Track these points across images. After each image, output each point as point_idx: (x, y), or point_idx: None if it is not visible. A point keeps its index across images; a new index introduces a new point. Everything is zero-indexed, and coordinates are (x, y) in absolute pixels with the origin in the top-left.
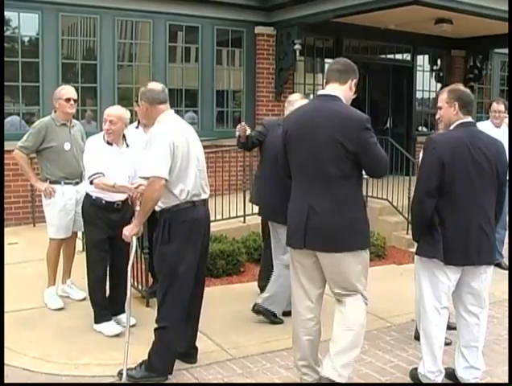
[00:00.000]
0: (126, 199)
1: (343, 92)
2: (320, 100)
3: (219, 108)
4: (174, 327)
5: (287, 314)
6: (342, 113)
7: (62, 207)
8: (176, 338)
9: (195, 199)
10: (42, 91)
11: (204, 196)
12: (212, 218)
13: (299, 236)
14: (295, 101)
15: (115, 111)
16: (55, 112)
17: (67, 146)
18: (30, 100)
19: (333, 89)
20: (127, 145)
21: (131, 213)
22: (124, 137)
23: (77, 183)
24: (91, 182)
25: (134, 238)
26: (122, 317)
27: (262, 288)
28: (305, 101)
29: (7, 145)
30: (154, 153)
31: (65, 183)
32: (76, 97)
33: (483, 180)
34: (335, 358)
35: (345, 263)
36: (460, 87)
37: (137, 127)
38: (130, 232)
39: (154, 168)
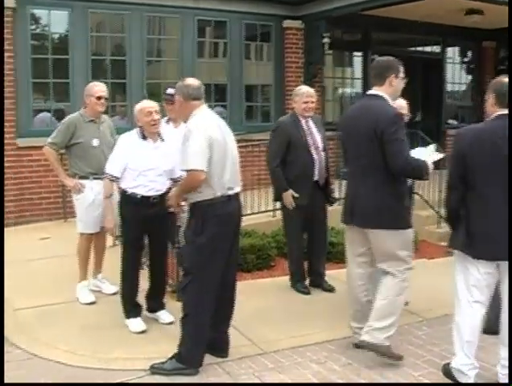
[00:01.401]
0: (164, 193)
1: (384, 90)
2: (366, 98)
3: (248, 102)
4: (197, 316)
5: None
6: (377, 110)
7: (90, 202)
8: (201, 328)
9: (229, 192)
10: (72, 87)
11: (237, 190)
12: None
13: (349, 215)
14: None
15: (153, 104)
16: (85, 108)
17: (95, 143)
18: (61, 96)
19: (375, 90)
20: (162, 140)
21: (168, 208)
22: (159, 131)
23: None
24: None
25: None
26: (161, 314)
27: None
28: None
29: (38, 142)
30: (193, 147)
31: (94, 178)
32: (107, 96)
33: (505, 173)
34: (371, 323)
35: (381, 238)
36: (501, 78)
37: (167, 122)
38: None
39: (193, 161)
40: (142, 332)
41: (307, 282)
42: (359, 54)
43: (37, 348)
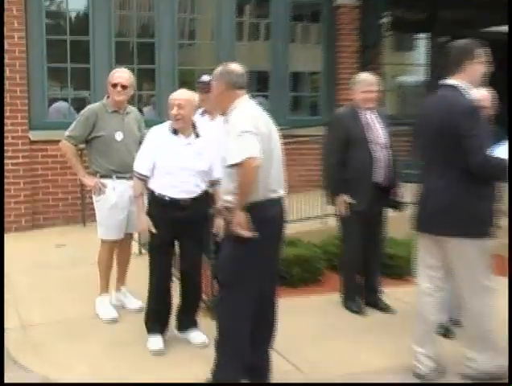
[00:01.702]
0: (199, 196)
1: (460, 79)
2: (441, 89)
3: (293, 92)
4: (234, 335)
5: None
6: (451, 101)
7: (113, 204)
8: (238, 349)
9: (272, 195)
10: (93, 73)
11: (280, 192)
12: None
13: (419, 219)
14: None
15: (182, 94)
16: (108, 97)
17: (118, 136)
18: (80, 83)
19: (450, 79)
20: (197, 136)
21: (203, 213)
22: (194, 125)
23: (131, 178)
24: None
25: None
26: (193, 333)
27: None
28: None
29: (54, 135)
30: (240, 138)
31: (117, 178)
32: (126, 83)
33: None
34: (468, 354)
35: (456, 248)
36: None
37: (202, 114)
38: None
39: (245, 149)
40: (159, 352)
41: (360, 300)
42: (423, 36)
43: (50, 370)
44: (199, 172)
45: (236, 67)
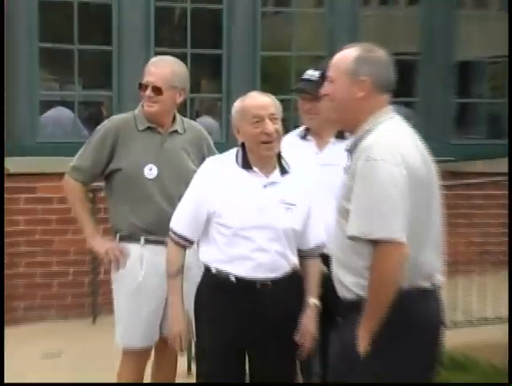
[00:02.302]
0: (287, 276)
1: None
2: None
3: (460, 97)
4: None
5: None
6: None
7: (137, 285)
8: None
9: (424, 283)
10: (117, 61)
11: (438, 278)
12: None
13: None
14: None
15: (270, 100)
16: (143, 106)
17: (150, 172)
18: (94, 78)
19: None
20: (283, 172)
21: (294, 304)
22: (278, 154)
23: None
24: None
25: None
26: None
27: None
28: None
29: (48, 165)
30: (379, 196)
31: (147, 242)
32: (160, 83)
33: None
34: None
35: None
36: None
37: (303, 137)
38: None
39: (386, 224)
40: None
41: None
42: None
43: None
44: (287, 233)
45: (382, 53)
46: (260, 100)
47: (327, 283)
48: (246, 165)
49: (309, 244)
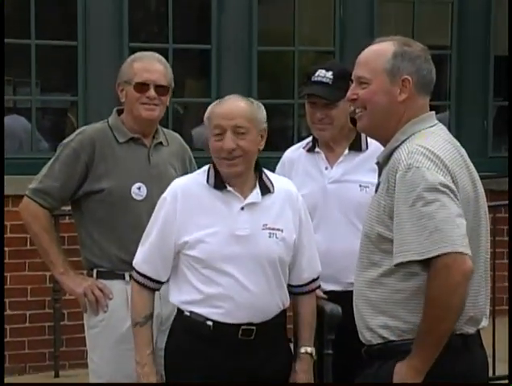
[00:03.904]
0: (275, 318)
1: None
2: None
3: (498, 100)
4: None
5: None
6: None
7: (124, 333)
8: None
9: (469, 330)
10: (83, 59)
11: (483, 323)
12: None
13: None
14: None
15: (240, 108)
16: (119, 112)
17: (138, 191)
18: (56, 79)
19: None
20: (265, 191)
21: (284, 360)
22: (258, 169)
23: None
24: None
25: None
26: None
27: None
28: None
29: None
30: (439, 211)
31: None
32: (163, 81)
33: None
34: None
35: None
36: None
37: (311, 150)
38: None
39: (448, 236)
40: None
41: None
42: None
43: None
44: (273, 264)
45: (421, 47)
46: (227, 108)
47: (342, 326)
48: (219, 184)
49: (301, 278)
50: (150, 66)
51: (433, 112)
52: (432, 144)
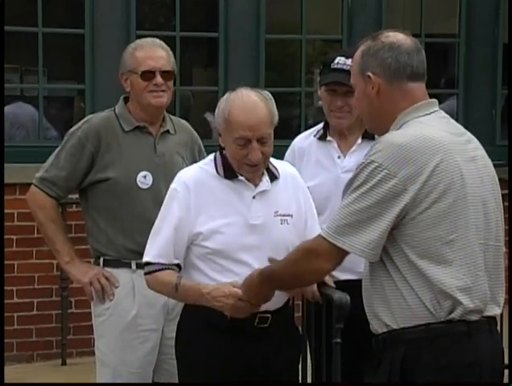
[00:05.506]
0: (281, 309)
1: None
2: None
3: (506, 88)
4: None
5: None
6: None
7: (131, 321)
8: None
9: (472, 317)
10: (90, 48)
11: (492, 310)
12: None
13: None
14: None
15: (263, 115)
16: (125, 100)
17: (144, 180)
18: (63, 67)
19: None
20: (272, 178)
21: (294, 343)
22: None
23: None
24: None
25: None
26: None
27: None
28: None
29: (9, 174)
30: (356, 192)
31: (139, 267)
32: (168, 67)
33: None
34: None
35: None
36: None
37: (322, 138)
38: None
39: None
40: None
41: None
42: None
43: None
44: (287, 251)
45: (404, 38)
46: (250, 117)
47: (351, 316)
48: (230, 174)
49: None
50: (153, 53)
51: (433, 100)
52: (409, 138)
